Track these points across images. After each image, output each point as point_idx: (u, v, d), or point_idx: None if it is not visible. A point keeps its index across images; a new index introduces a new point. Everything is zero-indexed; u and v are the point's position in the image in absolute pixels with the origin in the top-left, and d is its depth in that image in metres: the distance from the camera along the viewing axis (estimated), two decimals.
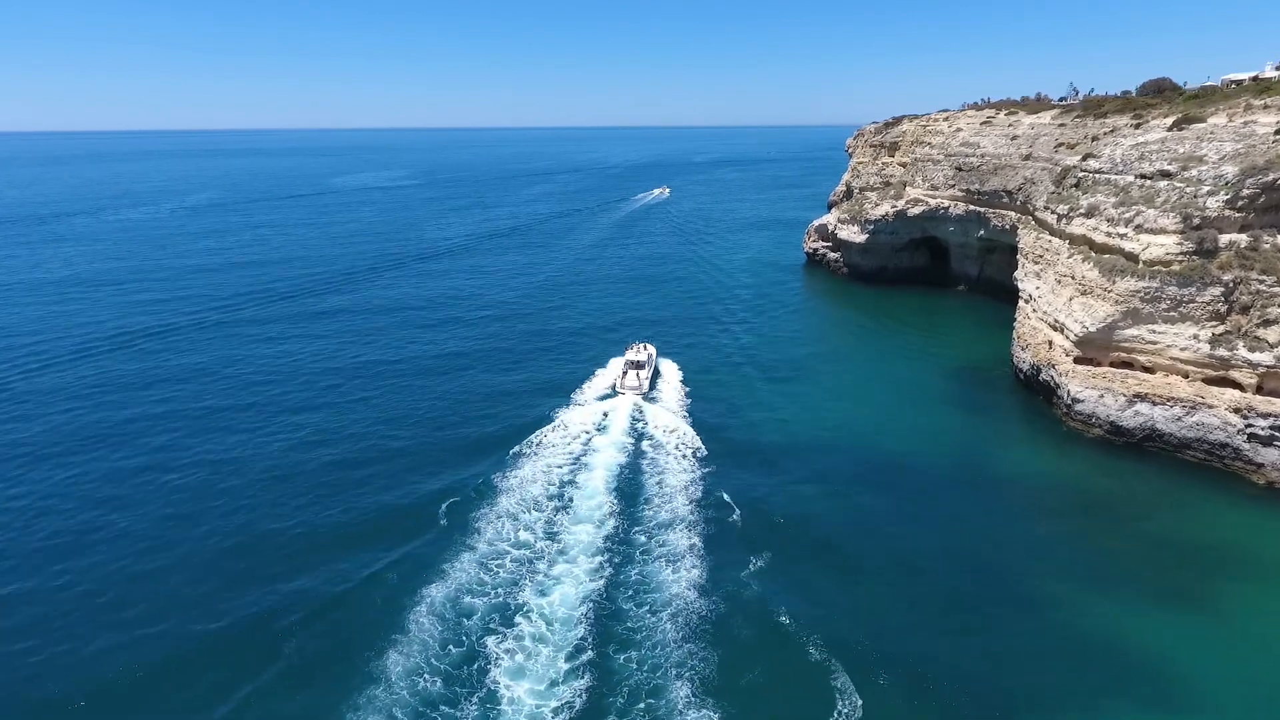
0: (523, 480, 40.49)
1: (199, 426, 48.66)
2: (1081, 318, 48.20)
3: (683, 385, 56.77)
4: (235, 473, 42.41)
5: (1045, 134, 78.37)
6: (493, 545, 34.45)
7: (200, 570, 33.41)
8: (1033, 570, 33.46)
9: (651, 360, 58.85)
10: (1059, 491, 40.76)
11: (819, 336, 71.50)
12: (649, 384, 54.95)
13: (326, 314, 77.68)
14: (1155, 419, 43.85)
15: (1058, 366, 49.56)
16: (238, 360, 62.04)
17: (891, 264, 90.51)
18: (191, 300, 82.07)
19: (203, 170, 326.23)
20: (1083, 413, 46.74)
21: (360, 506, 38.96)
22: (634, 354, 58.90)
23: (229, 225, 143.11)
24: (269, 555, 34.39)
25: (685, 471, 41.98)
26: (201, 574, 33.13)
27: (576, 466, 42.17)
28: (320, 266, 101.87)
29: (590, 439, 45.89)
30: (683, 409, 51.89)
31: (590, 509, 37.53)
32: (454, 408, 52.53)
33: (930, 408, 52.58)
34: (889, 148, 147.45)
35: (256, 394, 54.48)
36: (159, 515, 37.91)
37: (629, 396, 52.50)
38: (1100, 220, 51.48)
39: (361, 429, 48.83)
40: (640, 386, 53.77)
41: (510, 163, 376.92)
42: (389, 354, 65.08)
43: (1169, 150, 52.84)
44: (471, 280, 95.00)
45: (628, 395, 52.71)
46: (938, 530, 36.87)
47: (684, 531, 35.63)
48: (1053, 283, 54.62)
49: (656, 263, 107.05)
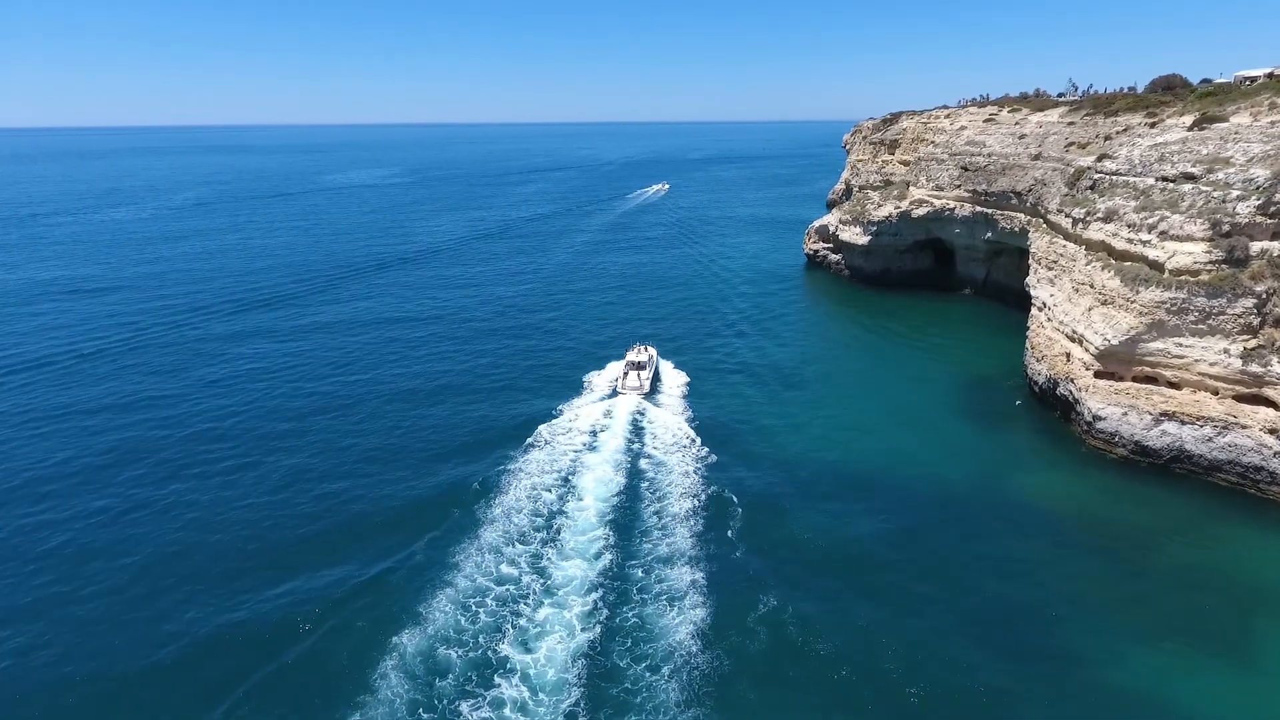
0: (528, 474, 40.34)
1: (162, 442, 45.84)
2: (1102, 329, 45.58)
3: (683, 387, 56.08)
4: (186, 489, 39.73)
5: (1054, 133, 75.74)
6: (494, 546, 34.47)
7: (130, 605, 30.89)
8: (1055, 612, 30.86)
9: (652, 361, 58.94)
10: (1081, 519, 38.10)
11: (822, 343, 68.83)
12: (650, 384, 55.00)
13: (309, 317, 74.89)
14: (1184, 439, 41.27)
15: (1076, 381, 46.95)
16: (213, 371, 59.08)
17: (895, 266, 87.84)
18: (171, 303, 79.01)
19: (190, 168, 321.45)
20: (1105, 431, 44.14)
21: (347, 513, 38.26)
22: (635, 355, 58.93)
23: (212, 226, 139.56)
24: (212, 589, 31.79)
25: (687, 492, 39.35)
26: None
27: (577, 467, 42.18)
28: (304, 269, 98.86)
29: (592, 438, 46.14)
30: (684, 410, 50.61)
31: (593, 508, 37.10)
32: (453, 407, 52.39)
33: (941, 423, 49.95)
34: (889, 145, 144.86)
35: (221, 412, 51.64)
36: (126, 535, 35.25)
37: (630, 397, 52.68)
38: (1120, 225, 48.85)
39: (356, 428, 48.69)
40: (641, 387, 54.11)
41: (503, 160, 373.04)
42: (385, 355, 64.26)
43: (1191, 151, 50.24)
44: (463, 283, 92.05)
45: (629, 395, 52.89)
46: (953, 565, 34.19)
47: (686, 568, 32.96)
48: (1069, 291, 52.00)
49: (653, 265, 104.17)
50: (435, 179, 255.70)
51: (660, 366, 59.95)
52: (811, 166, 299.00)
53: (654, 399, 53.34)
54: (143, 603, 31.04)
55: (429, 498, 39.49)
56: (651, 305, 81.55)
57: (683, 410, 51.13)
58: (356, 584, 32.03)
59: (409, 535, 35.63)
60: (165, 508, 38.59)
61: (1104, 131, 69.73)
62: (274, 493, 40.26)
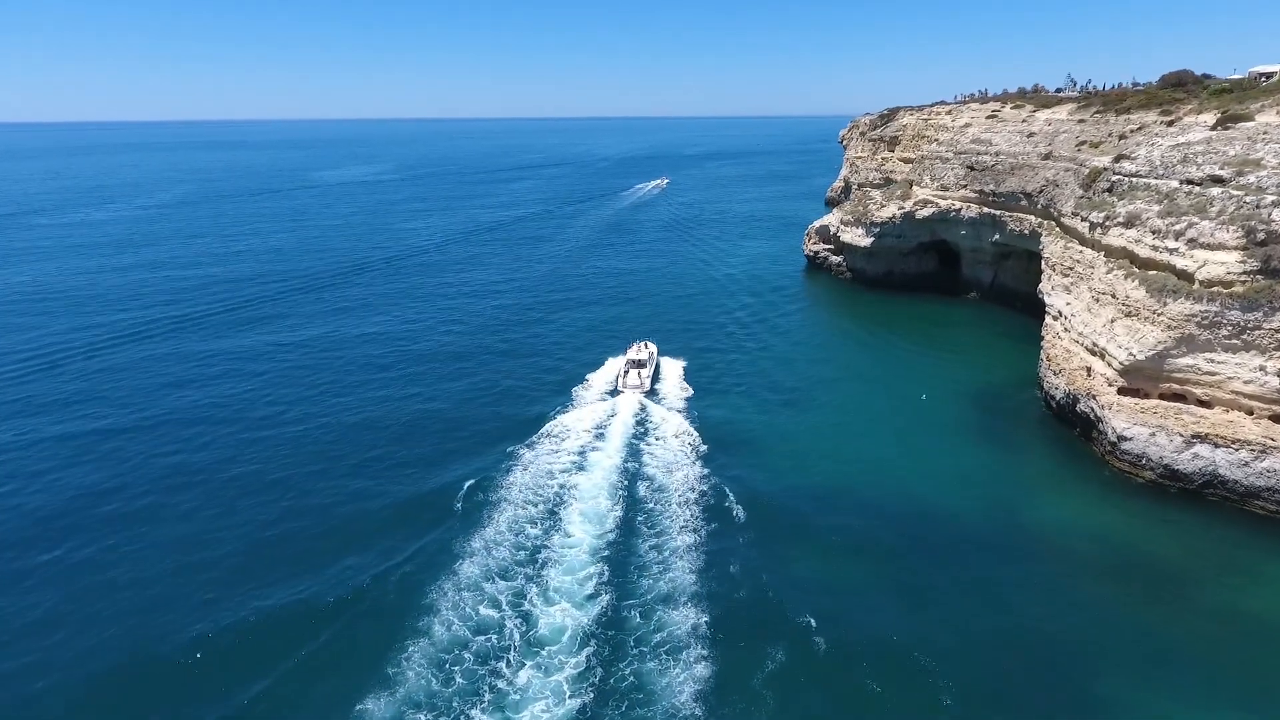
0: (513, 502, 38.56)
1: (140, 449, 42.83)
2: (1127, 343, 42.82)
3: (683, 397, 53.93)
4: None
5: (1065, 131, 72.97)
6: (499, 540, 34.91)
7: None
8: (1082, 657, 28.26)
9: (653, 359, 58.79)
10: (1109, 551, 35.37)
11: (824, 351, 65.95)
12: (650, 382, 54.86)
13: (305, 317, 72.02)
14: (1218, 463, 38.57)
15: (1099, 398, 44.20)
16: (186, 388, 55.97)
17: (898, 269, 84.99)
18: (150, 306, 75.71)
19: (178, 164, 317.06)
20: (1131, 453, 41.40)
21: (341, 513, 38.32)
22: (635, 352, 58.86)
23: (197, 226, 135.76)
24: None
25: (687, 525, 36.50)
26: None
27: (567, 497, 40.39)
28: (297, 266, 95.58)
29: (594, 435, 46.29)
30: (683, 430, 48.17)
31: (585, 544, 35.09)
32: (450, 408, 52.29)
33: (952, 442, 47.17)
34: (889, 142, 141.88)
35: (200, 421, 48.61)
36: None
37: (631, 395, 52.60)
38: (1143, 231, 46.06)
39: (351, 430, 48.61)
40: (642, 385, 53.95)
41: (497, 156, 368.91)
42: (378, 358, 63.41)
43: (1217, 152, 47.49)
44: (457, 284, 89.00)
45: (630, 393, 52.79)
46: (968, 604, 31.53)
47: (688, 609, 30.19)
48: (1088, 300, 49.24)
49: (649, 266, 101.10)
50: (427, 176, 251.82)
51: (660, 364, 59.76)
52: (808, 163, 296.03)
53: (655, 397, 53.28)
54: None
55: (423, 501, 39.44)
56: (647, 310, 78.63)
57: (682, 431, 48.23)
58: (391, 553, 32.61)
59: (408, 535, 36.13)
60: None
61: (1117, 130, 67.02)
62: (254, 500, 39.72)
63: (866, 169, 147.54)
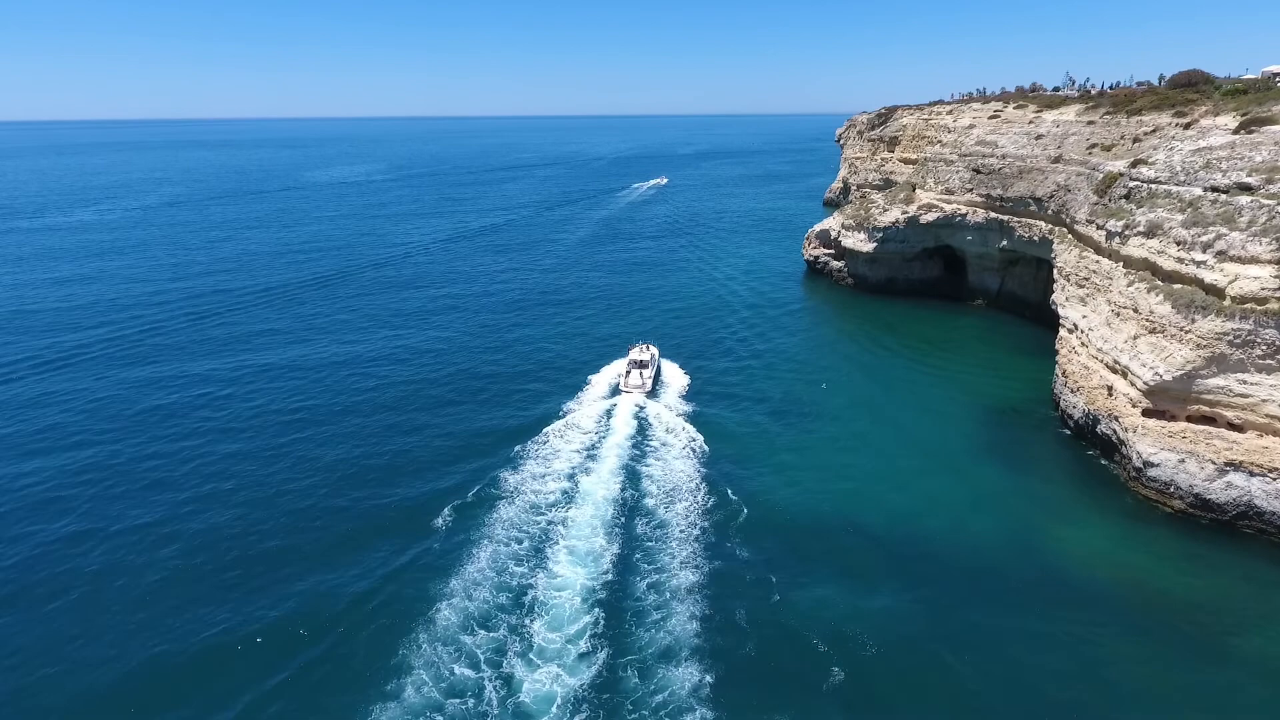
0: (493, 540, 36.37)
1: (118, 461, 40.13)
2: (1152, 362, 40.37)
3: (683, 402, 52.97)
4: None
5: (1074, 133, 70.56)
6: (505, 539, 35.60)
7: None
8: (1120, 717, 25.77)
9: (654, 360, 58.61)
10: (1136, 592, 32.83)
11: (827, 364, 63.25)
12: (652, 383, 54.83)
13: (298, 317, 69.17)
14: (1253, 493, 36.15)
15: (1122, 419, 41.74)
16: (164, 394, 53.22)
17: (901, 275, 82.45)
18: (128, 311, 72.78)
19: (168, 164, 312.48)
20: (1158, 480, 38.95)
21: (338, 518, 38.38)
22: (637, 353, 58.72)
23: (179, 229, 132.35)
24: None
25: (687, 561, 33.91)
26: None
27: (585, 462, 42.51)
28: (289, 266, 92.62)
29: (595, 435, 46.54)
30: (684, 431, 47.10)
31: (578, 587, 32.99)
32: (449, 409, 52.28)
33: (964, 464, 44.66)
34: (888, 142, 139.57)
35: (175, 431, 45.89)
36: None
37: (633, 395, 52.63)
38: (1166, 242, 43.62)
39: (347, 432, 48.65)
40: (644, 385, 53.87)
41: (489, 155, 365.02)
42: (373, 361, 63.00)
43: (1242, 158, 45.05)
44: (445, 287, 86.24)
45: (631, 394, 52.82)
46: (988, 654, 29.09)
47: (691, 667, 27.64)
48: (1107, 314, 46.80)
49: (644, 271, 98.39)
50: (419, 176, 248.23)
51: (661, 365, 59.74)
52: (804, 162, 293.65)
53: (656, 396, 53.75)
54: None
55: (421, 505, 39.37)
56: (643, 318, 75.95)
57: (683, 448, 45.80)
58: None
59: (407, 538, 36.33)
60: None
61: (1130, 132, 64.63)
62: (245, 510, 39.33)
63: (866, 169, 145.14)
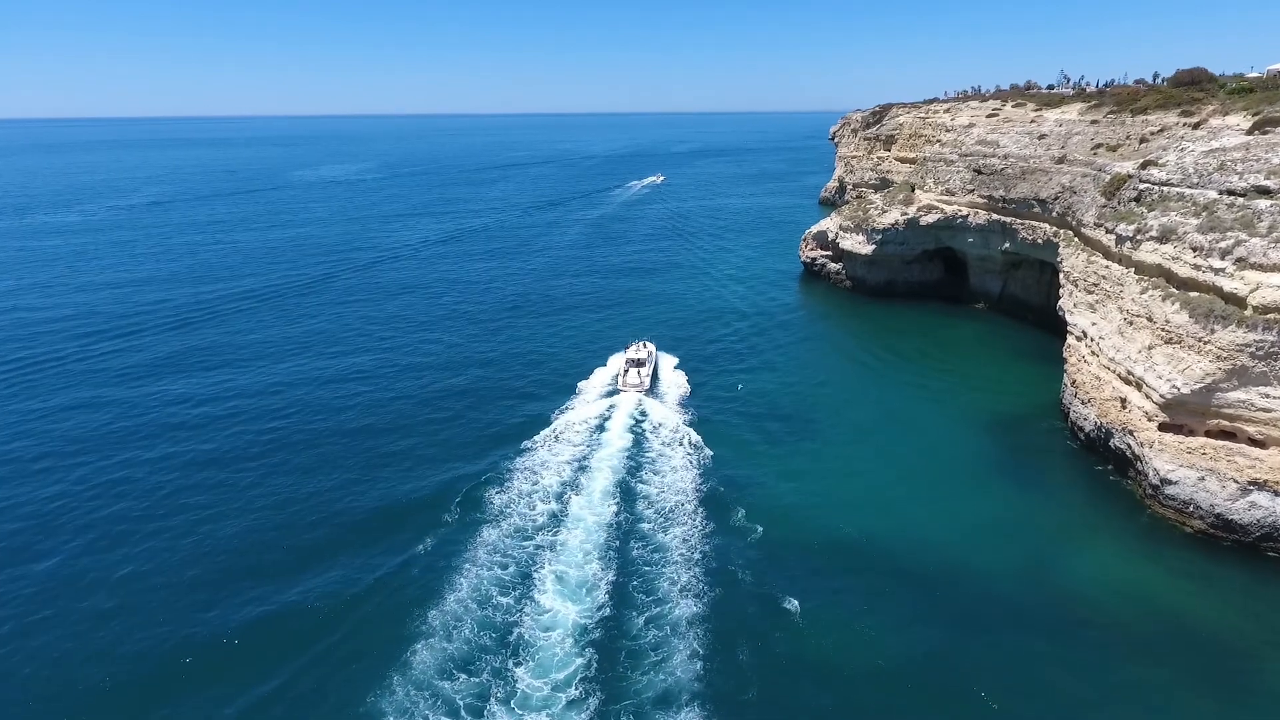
0: (477, 571, 34.52)
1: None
2: (1168, 374, 38.64)
3: (681, 425, 50.01)
4: None
5: (1078, 132, 68.89)
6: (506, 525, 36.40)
7: None
8: None
9: (652, 358, 58.47)
10: (1155, 618, 31.12)
11: (826, 372, 61.42)
12: (650, 381, 54.63)
13: (299, 313, 67.25)
14: (1278, 515, 34.48)
15: (1137, 434, 40.01)
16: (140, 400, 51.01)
17: (901, 278, 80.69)
18: (104, 316, 70.40)
19: (157, 163, 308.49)
20: (1176, 498, 37.25)
21: (336, 521, 37.97)
22: (635, 351, 58.60)
23: (160, 232, 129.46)
24: None
25: (687, 587, 32.02)
26: None
27: (578, 476, 42.17)
28: (273, 269, 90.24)
29: (595, 434, 46.65)
30: (682, 466, 43.93)
31: (570, 622, 31.17)
32: (448, 409, 52.31)
33: (971, 479, 42.90)
34: (884, 141, 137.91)
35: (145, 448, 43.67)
36: None
37: (631, 393, 52.51)
38: (1181, 248, 41.91)
39: (345, 435, 48.60)
40: (642, 384, 53.68)
41: (481, 154, 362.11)
42: (370, 361, 62.95)
43: (1259, 160, 43.36)
44: (434, 290, 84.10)
45: (629, 392, 52.71)
46: (1004, 683, 27.39)
47: (693, 714, 25.75)
48: (1119, 322, 45.07)
49: (637, 275, 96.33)
50: (410, 175, 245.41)
51: (659, 363, 59.67)
52: (798, 160, 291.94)
53: (654, 394, 53.83)
54: None
55: (419, 504, 39.31)
56: (640, 327, 73.73)
57: (679, 466, 43.73)
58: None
59: (408, 537, 36.19)
60: None
61: (1136, 132, 63.04)
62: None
63: (862, 169, 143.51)
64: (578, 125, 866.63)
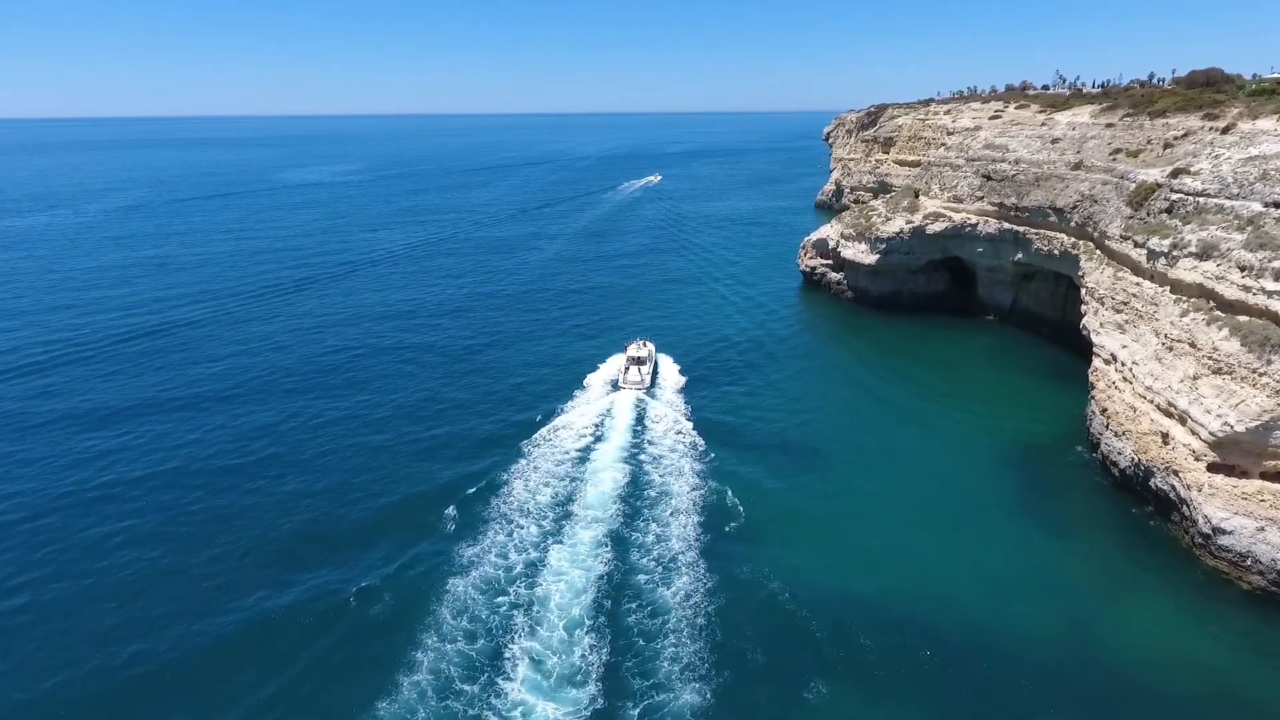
0: (482, 565, 34.47)
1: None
2: (1218, 409, 34.67)
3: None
4: None
5: (1093, 136, 65.00)
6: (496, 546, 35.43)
7: None
8: None
9: (651, 356, 58.46)
10: (1215, 696, 27.21)
11: (830, 392, 57.28)
12: (650, 379, 54.79)
13: (289, 314, 62.92)
14: None
15: (1183, 475, 36.01)
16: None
17: (906, 289, 76.66)
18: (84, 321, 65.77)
19: (140, 164, 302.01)
20: (1231, 550, 33.26)
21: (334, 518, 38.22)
22: (635, 350, 58.58)
23: (142, 233, 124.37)
24: None
25: (684, 638, 27.97)
26: None
27: (585, 458, 43.12)
28: (262, 269, 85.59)
29: (595, 433, 46.83)
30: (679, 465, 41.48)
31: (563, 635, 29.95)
32: (447, 410, 52.15)
33: (994, 520, 38.82)
34: (882, 143, 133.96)
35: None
36: None
37: (631, 392, 52.79)
38: (1226, 266, 38.05)
39: (342, 431, 48.64)
40: (642, 382, 53.88)
41: (473, 154, 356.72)
42: (370, 361, 62.73)
43: None
44: (426, 291, 79.65)
45: (629, 390, 52.91)
46: None
47: None
48: (1155, 346, 41.13)
49: (630, 284, 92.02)
50: (399, 176, 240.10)
51: (659, 362, 59.58)
52: (793, 161, 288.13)
53: (653, 393, 53.65)
54: None
55: (416, 505, 39.23)
56: (631, 327, 69.47)
57: (680, 490, 39.94)
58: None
59: (408, 537, 36.42)
60: None
61: (1157, 136, 59.09)
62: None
63: (859, 171, 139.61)
64: (570, 125, 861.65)
